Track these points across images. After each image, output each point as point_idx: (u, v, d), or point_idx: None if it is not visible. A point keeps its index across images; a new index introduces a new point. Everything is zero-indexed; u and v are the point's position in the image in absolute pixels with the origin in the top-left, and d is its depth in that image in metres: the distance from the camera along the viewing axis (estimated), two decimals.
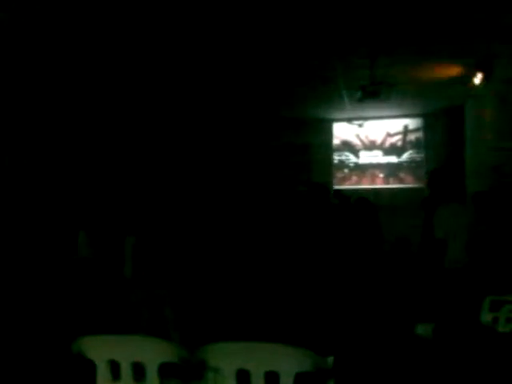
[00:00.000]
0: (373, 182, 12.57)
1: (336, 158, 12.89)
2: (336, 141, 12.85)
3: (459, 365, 4.16)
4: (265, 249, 6.75)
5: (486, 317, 4.72)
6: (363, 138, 12.69)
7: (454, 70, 8.47)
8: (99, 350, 2.76)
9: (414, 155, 12.41)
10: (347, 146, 12.82)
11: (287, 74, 8.76)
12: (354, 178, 12.58)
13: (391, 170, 12.57)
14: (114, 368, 2.74)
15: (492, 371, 3.75)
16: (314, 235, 7.23)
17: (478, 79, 8.26)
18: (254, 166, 12.40)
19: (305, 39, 6.99)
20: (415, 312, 6.08)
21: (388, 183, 12.54)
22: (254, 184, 11.86)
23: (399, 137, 12.50)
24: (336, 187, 12.12)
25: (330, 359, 2.76)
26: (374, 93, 7.83)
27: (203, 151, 11.72)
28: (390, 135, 12.52)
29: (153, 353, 2.71)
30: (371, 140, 12.65)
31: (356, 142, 12.75)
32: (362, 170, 12.74)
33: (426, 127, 12.29)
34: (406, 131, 12.45)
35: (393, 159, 12.55)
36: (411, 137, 12.45)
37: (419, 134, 12.39)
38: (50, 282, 5.76)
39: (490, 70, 8.10)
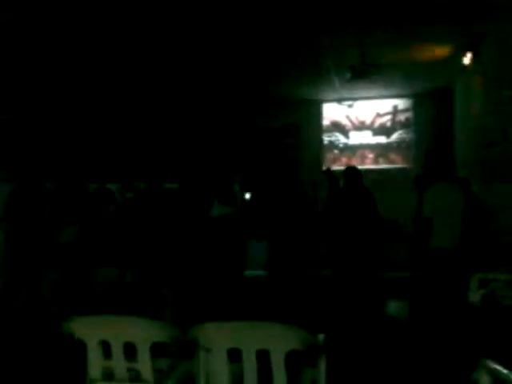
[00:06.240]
0: (362, 162, 12.56)
1: (326, 138, 12.87)
2: (326, 121, 12.82)
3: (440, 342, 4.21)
4: (255, 230, 6.76)
5: (474, 296, 4.77)
6: (353, 118, 12.67)
7: (443, 50, 8.45)
8: (90, 330, 2.76)
9: (404, 135, 12.42)
10: (337, 126, 12.79)
11: (276, 55, 8.69)
12: (344, 159, 12.58)
13: (381, 151, 12.58)
14: (106, 348, 2.75)
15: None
16: (304, 216, 7.25)
17: (467, 59, 8.24)
18: (244, 148, 12.38)
19: (294, 19, 6.93)
20: (397, 291, 6.15)
21: (377, 163, 12.55)
22: (244, 165, 11.86)
23: (389, 117, 12.49)
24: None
25: (321, 337, 2.79)
26: (363, 73, 7.81)
27: (191, 133, 11.69)
28: (379, 115, 12.51)
29: (144, 333, 2.72)
30: (361, 120, 12.63)
31: (346, 122, 12.72)
32: (351, 150, 12.73)
33: (416, 107, 12.28)
34: (395, 111, 12.45)
35: (382, 139, 12.55)
36: (400, 117, 12.45)
37: (408, 114, 12.39)
38: (43, 264, 5.75)
39: (479, 49, 8.09)
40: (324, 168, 11.16)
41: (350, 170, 7.19)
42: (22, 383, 4.13)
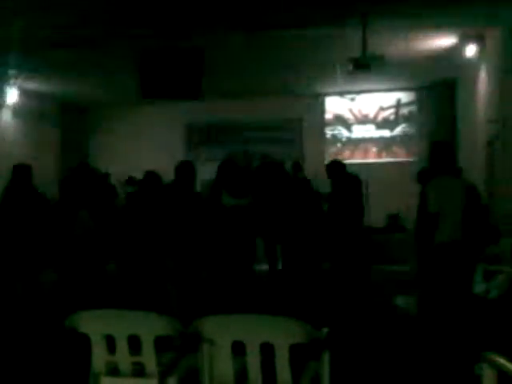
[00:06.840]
0: (365, 156, 12.54)
1: (328, 132, 12.83)
2: (328, 115, 12.78)
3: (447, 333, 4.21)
4: (259, 225, 6.78)
5: (479, 288, 4.76)
6: (356, 112, 12.62)
7: (446, 43, 8.40)
8: (95, 324, 2.77)
9: (407, 129, 12.37)
10: (340, 120, 12.74)
11: (278, 48, 8.67)
12: (347, 153, 12.54)
13: (384, 144, 12.53)
14: (110, 342, 2.75)
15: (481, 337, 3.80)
16: (304, 209, 7.33)
17: (470, 50, 8.20)
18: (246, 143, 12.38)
19: (295, 10, 6.90)
20: (406, 286, 6.17)
21: (381, 157, 12.52)
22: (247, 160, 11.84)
23: (392, 110, 12.44)
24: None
25: (325, 330, 2.79)
26: (365, 65, 7.75)
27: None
28: (382, 109, 12.45)
29: (148, 326, 2.72)
30: (364, 114, 12.58)
31: (348, 116, 12.67)
32: (354, 144, 12.69)
33: (419, 101, 12.23)
34: (398, 105, 12.39)
35: (385, 133, 12.51)
36: (404, 110, 12.40)
37: (412, 108, 12.34)
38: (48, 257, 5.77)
39: (483, 42, 8.05)
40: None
41: (332, 165, 7.77)
42: (27, 378, 4.14)
